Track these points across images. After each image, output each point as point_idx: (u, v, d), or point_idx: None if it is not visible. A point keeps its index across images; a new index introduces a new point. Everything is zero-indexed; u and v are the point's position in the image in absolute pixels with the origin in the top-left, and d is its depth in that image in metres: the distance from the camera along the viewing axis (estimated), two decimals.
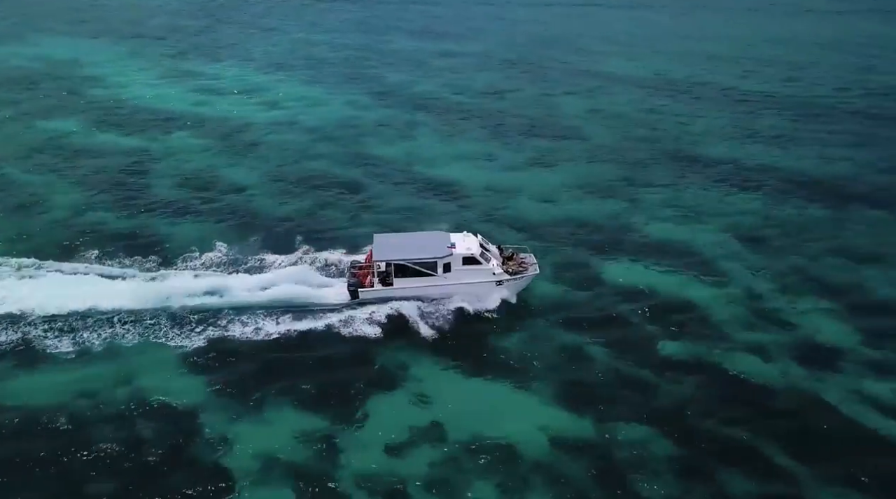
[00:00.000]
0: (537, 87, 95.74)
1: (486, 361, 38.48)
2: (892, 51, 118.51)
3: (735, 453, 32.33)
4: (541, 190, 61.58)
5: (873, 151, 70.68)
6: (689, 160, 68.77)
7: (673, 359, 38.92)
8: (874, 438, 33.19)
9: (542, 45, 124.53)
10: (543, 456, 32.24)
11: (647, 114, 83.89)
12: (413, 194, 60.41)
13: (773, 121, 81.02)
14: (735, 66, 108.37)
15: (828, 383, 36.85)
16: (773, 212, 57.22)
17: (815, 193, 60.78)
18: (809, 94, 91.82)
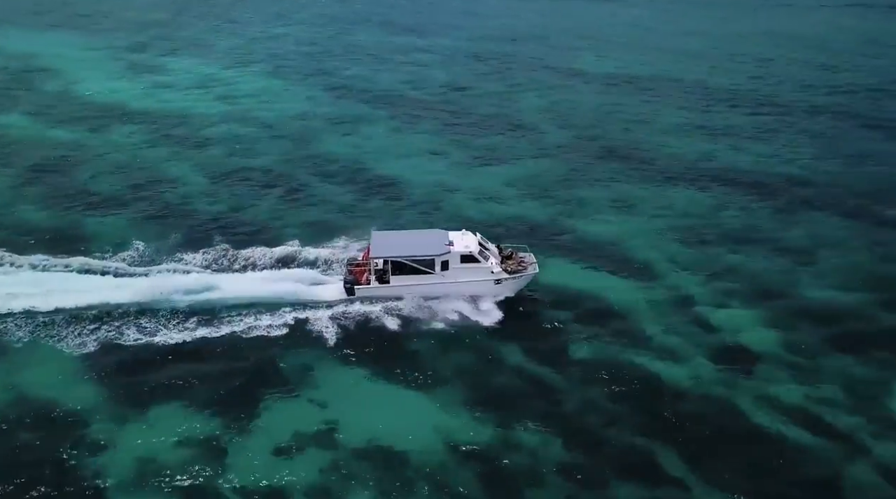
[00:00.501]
0: (499, 83, 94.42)
1: (395, 364, 37.28)
2: (865, 47, 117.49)
3: (631, 460, 31.36)
4: (483, 187, 60.40)
5: (829, 151, 69.55)
6: (640, 158, 67.61)
7: (588, 362, 37.92)
8: (777, 446, 32.17)
9: (511, 40, 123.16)
10: (434, 462, 31.20)
11: (607, 111, 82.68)
12: (350, 191, 59.13)
13: (734, 118, 79.84)
14: (704, 61, 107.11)
15: (740, 387, 35.82)
16: (717, 211, 56.19)
17: (764, 192, 59.66)
18: (773, 92, 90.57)
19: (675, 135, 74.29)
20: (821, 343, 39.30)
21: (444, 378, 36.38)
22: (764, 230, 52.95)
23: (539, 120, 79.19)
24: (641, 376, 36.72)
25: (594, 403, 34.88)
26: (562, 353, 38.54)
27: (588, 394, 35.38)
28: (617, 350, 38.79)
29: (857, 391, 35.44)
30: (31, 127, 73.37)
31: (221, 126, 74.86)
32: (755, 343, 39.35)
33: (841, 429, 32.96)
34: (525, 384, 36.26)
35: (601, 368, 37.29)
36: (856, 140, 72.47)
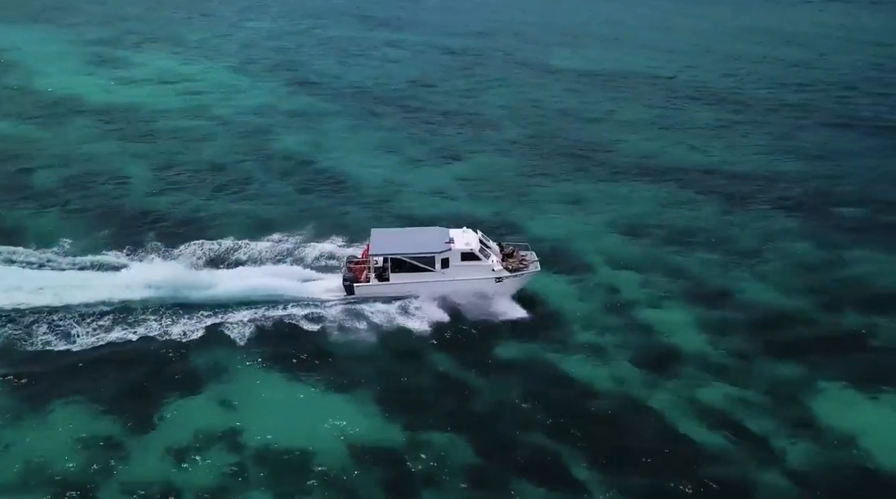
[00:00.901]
0: (468, 79, 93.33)
1: (316, 367, 36.25)
2: (842, 44, 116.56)
3: (536, 463, 30.53)
4: (433, 184, 59.53)
5: (789, 149, 68.60)
6: (597, 155, 66.70)
7: (513, 363, 37.02)
8: (689, 449, 31.36)
9: (487, 34, 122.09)
10: (337, 465, 30.32)
11: (571, 107, 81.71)
12: (294, 187, 58.23)
13: (697, 115, 78.94)
14: (678, 57, 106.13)
15: (662, 389, 35.00)
16: (666, 209, 55.31)
17: (716, 190, 58.72)
18: (740, 89, 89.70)
19: (635, 132, 73.34)
20: (752, 345, 38.42)
21: (366, 380, 35.38)
22: (711, 229, 52.01)
23: (502, 116, 78.24)
24: (564, 377, 35.87)
25: (512, 405, 34.01)
26: (489, 353, 37.61)
27: (508, 395, 34.50)
28: (545, 350, 37.85)
29: (780, 395, 34.57)
30: None
31: (176, 120, 73.82)
32: (685, 344, 38.50)
33: (757, 433, 32.11)
34: (446, 386, 35.30)
35: (525, 369, 36.45)
36: (817, 138, 71.50)
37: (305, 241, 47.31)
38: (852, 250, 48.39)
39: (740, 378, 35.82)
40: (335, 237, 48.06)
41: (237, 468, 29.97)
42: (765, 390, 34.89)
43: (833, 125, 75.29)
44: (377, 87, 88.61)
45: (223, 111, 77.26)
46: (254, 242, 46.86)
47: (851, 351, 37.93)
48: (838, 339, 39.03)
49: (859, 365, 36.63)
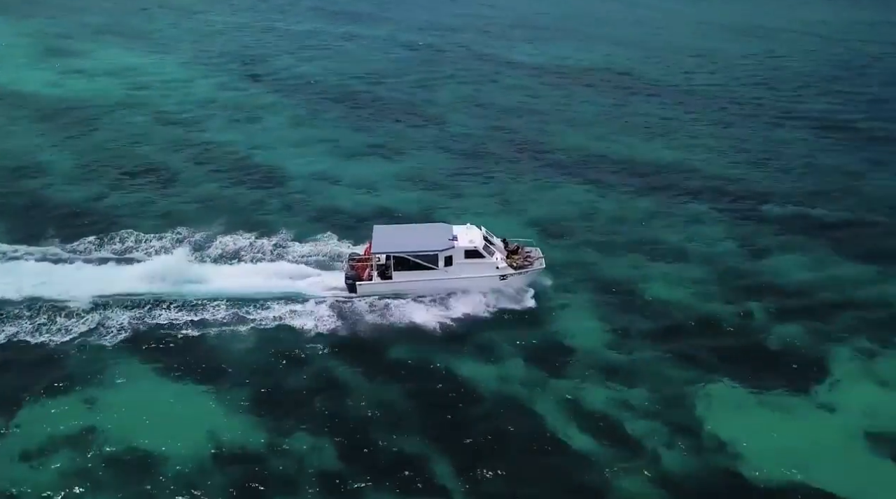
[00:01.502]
0: (423, 73, 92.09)
1: (180, 365, 35.28)
2: (811, 39, 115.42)
3: (401, 467, 29.56)
4: (364, 178, 58.37)
5: (734, 145, 67.36)
6: (538, 151, 65.53)
7: (399, 362, 36.03)
8: (561, 452, 30.48)
9: (454, 28, 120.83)
10: (193, 467, 29.37)
11: (522, 101, 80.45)
12: (223, 182, 57.04)
13: (647, 110, 77.87)
14: (642, 52, 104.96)
15: (547, 389, 34.08)
16: (594, 206, 53.99)
17: (650, 186, 57.72)
18: (697, 84, 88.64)
19: (581, 127, 72.18)
20: (651, 346, 37.44)
21: (240, 380, 34.43)
22: (635, 227, 50.76)
23: (450, 111, 77.06)
24: (447, 375, 34.94)
25: (391, 405, 33.07)
26: (369, 349, 36.61)
27: (387, 395, 33.58)
28: (431, 347, 36.84)
29: (667, 397, 33.62)
30: None
31: (117, 113, 72.67)
32: (581, 344, 37.51)
33: (633, 436, 31.22)
34: (327, 387, 34.27)
35: (412, 369, 35.46)
36: (763, 135, 70.31)
37: (212, 235, 46.30)
38: (771, 250, 47.19)
39: (628, 379, 34.89)
40: (243, 231, 46.98)
41: (87, 470, 29.03)
42: (653, 391, 33.94)
43: (781, 122, 74.05)
44: (328, 81, 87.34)
45: (167, 105, 76.04)
46: (155, 235, 45.99)
47: (749, 354, 36.85)
48: (739, 341, 37.99)
49: (754, 368, 35.61)
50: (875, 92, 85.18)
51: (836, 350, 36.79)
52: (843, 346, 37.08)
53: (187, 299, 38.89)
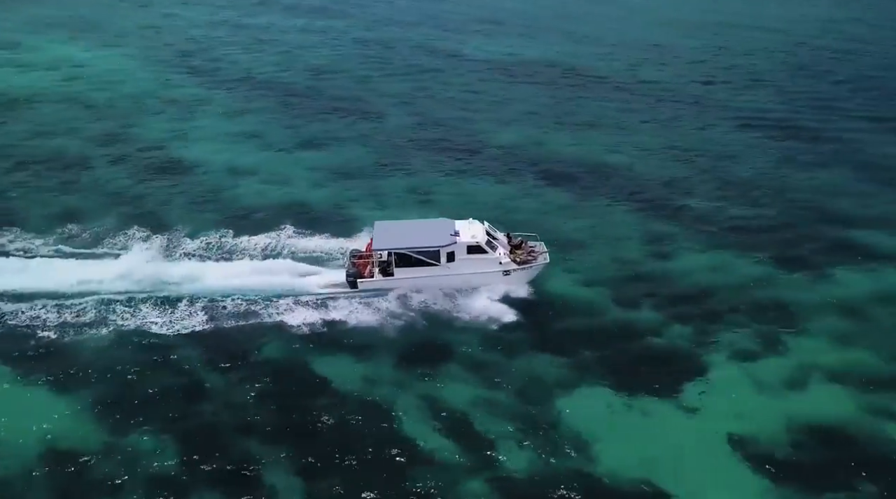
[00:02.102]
0: (370, 68, 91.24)
1: (48, 367, 34.07)
2: (768, 35, 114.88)
3: (235, 471, 28.53)
4: (281, 173, 57.27)
5: (663, 141, 66.48)
6: (467, 146, 64.46)
7: (262, 361, 34.84)
8: (409, 453, 29.48)
9: (410, 23, 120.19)
10: (17, 470, 28.29)
11: (464, 97, 79.57)
12: (135, 177, 55.84)
13: (585, 105, 77.01)
14: (595, 47, 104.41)
15: (411, 389, 32.97)
16: (512, 202, 52.84)
17: (573, 183, 56.71)
18: (641, 79, 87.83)
19: (516, 122, 71.32)
20: (530, 342, 36.45)
21: (93, 381, 33.25)
22: (547, 224, 49.06)
23: (389, 105, 76.13)
24: (303, 374, 33.95)
25: (241, 406, 32.00)
26: (239, 347, 35.54)
27: (236, 397, 32.53)
28: (299, 346, 35.80)
29: (533, 398, 32.67)
30: None
31: (45, 106, 71.60)
32: (448, 342, 36.39)
33: (489, 436, 30.24)
34: (185, 384, 33.28)
35: (271, 368, 34.35)
36: (700, 132, 69.47)
37: (107, 231, 45.25)
38: (677, 250, 46.08)
39: (502, 379, 33.84)
40: (140, 228, 45.83)
41: None
42: (521, 393, 32.96)
43: (718, 121, 73.01)
44: (273, 75, 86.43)
45: (100, 98, 75.04)
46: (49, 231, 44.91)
47: (630, 355, 35.73)
48: (623, 342, 36.89)
49: (632, 370, 34.58)
50: (823, 91, 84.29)
51: (717, 353, 35.79)
52: (726, 349, 36.02)
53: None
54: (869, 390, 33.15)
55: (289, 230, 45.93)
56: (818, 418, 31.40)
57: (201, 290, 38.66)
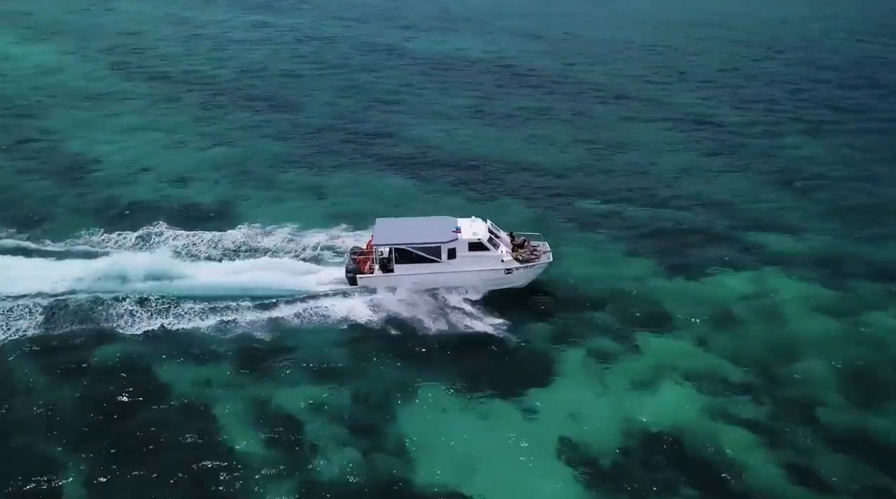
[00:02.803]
0: (302, 63, 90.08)
1: None
2: (719, 31, 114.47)
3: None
4: (179, 168, 55.81)
5: (584, 138, 65.48)
6: (379, 143, 63.25)
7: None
8: (223, 453, 28.34)
9: (357, 20, 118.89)
10: None
11: (391, 94, 78.14)
12: (26, 173, 54.35)
13: (516, 102, 75.85)
14: (539, 44, 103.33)
15: (249, 388, 31.96)
16: (406, 201, 50.89)
17: (472, 179, 55.28)
18: (577, 77, 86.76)
19: (436, 118, 70.07)
20: (382, 344, 35.18)
21: None
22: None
23: (310, 102, 74.72)
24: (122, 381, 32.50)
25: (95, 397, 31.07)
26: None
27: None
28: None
29: (371, 399, 31.57)
30: None
31: None
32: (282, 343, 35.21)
33: (308, 438, 29.10)
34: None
35: (128, 366, 33.14)
36: (623, 129, 68.46)
37: None
38: (562, 249, 43.79)
39: (347, 380, 32.66)
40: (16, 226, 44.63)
41: None
42: (359, 394, 31.78)
43: (648, 116, 72.40)
44: (199, 71, 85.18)
45: (17, 90, 73.68)
46: None
47: (483, 356, 34.56)
48: (479, 341, 35.57)
49: (480, 371, 33.40)
50: (753, 91, 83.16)
51: (573, 354, 34.54)
52: (583, 350, 34.79)
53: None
54: (715, 395, 32.02)
55: (161, 226, 44.78)
56: (656, 422, 30.29)
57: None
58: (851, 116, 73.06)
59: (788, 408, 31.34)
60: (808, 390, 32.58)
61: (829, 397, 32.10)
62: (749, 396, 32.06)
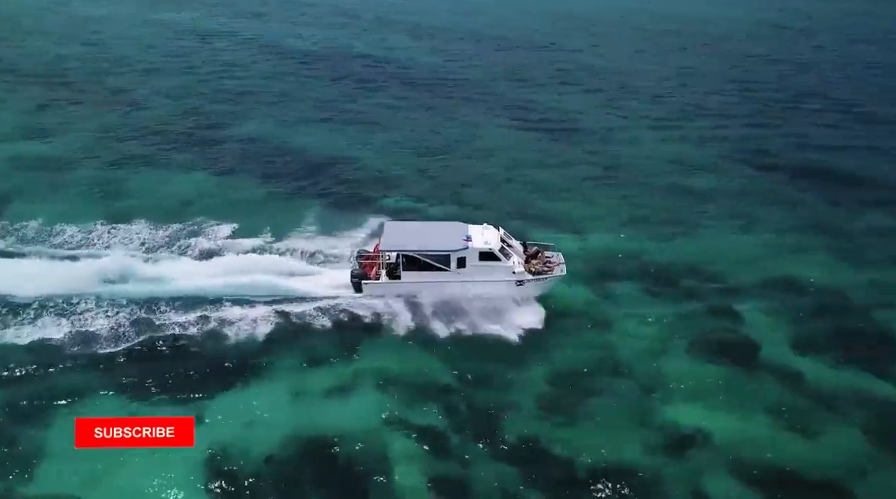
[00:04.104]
0: (169, 60, 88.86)
1: None
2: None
3: None
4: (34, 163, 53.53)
5: (439, 142, 63.21)
6: (201, 136, 61.35)
7: None
8: None
9: (256, 15, 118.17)
10: None
11: (246, 89, 76.38)
12: None
13: (383, 101, 74.47)
14: (440, 42, 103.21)
15: None
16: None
17: (282, 173, 53.48)
18: (464, 75, 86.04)
19: (273, 116, 67.91)
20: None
21: None
22: (230, 214, 45.29)
23: (153, 96, 72.26)
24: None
25: None
26: None
27: None
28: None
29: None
30: None
31: None
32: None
33: None
34: None
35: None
36: (489, 132, 66.25)
37: None
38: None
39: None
40: None
41: None
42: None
43: (512, 119, 70.50)
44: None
45: None
46: None
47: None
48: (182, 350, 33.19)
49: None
50: (625, 94, 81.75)
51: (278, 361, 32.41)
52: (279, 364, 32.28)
53: None
54: (400, 402, 30.21)
55: None
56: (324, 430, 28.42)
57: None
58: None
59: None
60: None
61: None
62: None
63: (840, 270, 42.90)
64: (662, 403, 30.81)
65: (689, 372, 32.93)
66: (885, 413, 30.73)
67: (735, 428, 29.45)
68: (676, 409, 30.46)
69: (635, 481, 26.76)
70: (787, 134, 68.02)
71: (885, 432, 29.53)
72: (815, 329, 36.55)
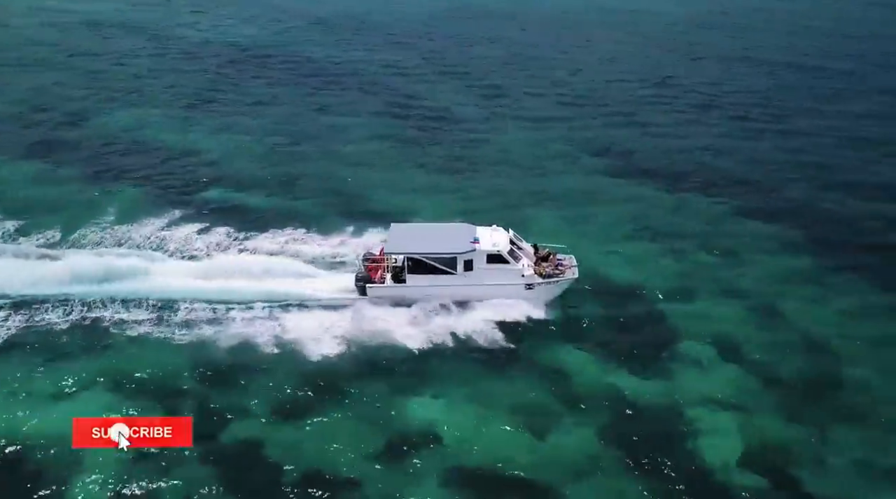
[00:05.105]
0: (76, 49, 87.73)
1: None
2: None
3: None
4: None
5: (291, 129, 62.59)
6: (57, 127, 60.43)
7: None
8: None
9: (195, 11, 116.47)
10: None
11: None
12: None
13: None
14: (381, 40, 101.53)
15: None
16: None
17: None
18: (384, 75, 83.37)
19: (147, 105, 67.11)
20: None
21: None
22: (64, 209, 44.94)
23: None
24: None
25: None
26: None
27: None
28: None
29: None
30: None
31: None
32: None
33: None
34: None
35: None
36: (371, 124, 64.85)
37: None
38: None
39: None
40: None
41: None
42: None
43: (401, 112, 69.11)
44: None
45: None
46: None
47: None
48: None
49: None
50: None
51: None
52: None
53: None
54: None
55: None
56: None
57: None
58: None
59: None
60: None
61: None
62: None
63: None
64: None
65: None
66: (623, 415, 30.10)
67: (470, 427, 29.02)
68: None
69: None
70: (656, 134, 64.97)
71: (618, 435, 28.89)
72: (591, 326, 35.97)
